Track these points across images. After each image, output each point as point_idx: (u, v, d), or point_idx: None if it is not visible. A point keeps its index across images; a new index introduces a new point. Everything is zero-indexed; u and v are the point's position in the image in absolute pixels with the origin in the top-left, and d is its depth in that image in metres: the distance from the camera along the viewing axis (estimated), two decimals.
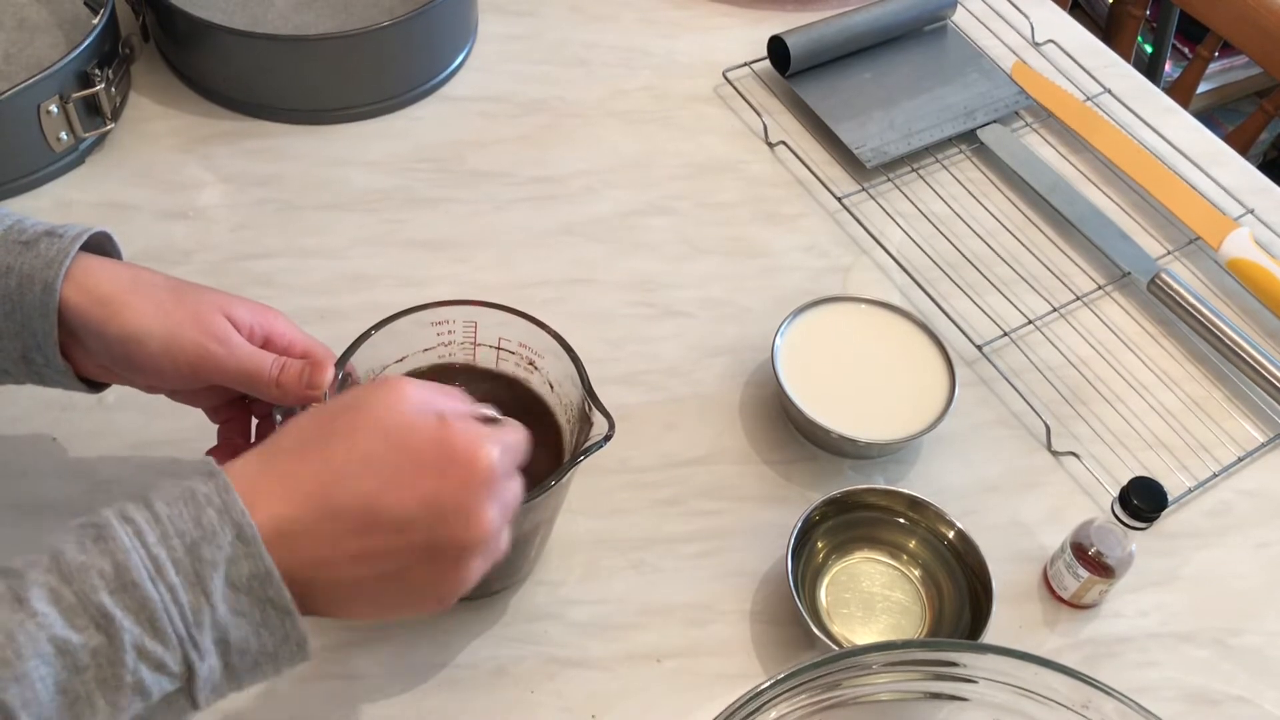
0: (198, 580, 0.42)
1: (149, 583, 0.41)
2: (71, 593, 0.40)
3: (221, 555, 0.42)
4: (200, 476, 0.44)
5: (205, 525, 0.42)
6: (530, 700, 0.61)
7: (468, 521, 0.46)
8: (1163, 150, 0.91)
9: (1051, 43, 0.99)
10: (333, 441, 0.46)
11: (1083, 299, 0.81)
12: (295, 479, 0.45)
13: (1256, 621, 0.68)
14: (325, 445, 0.46)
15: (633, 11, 0.98)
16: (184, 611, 0.42)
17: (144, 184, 0.81)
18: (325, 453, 0.46)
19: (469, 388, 0.63)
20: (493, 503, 0.47)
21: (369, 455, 0.46)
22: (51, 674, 0.39)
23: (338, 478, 0.45)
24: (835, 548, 0.67)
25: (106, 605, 0.40)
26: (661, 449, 0.71)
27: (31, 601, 0.40)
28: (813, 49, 0.91)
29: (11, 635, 0.39)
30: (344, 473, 0.45)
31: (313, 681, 0.60)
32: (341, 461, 0.45)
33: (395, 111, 0.88)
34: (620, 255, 0.81)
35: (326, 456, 0.46)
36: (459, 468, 0.46)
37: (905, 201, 0.86)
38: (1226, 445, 0.75)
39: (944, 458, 0.72)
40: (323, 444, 0.46)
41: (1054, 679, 0.50)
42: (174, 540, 0.42)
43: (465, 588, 0.48)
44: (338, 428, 0.47)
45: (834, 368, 0.72)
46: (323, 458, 0.46)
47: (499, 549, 0.49)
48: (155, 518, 0.42)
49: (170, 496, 0.43)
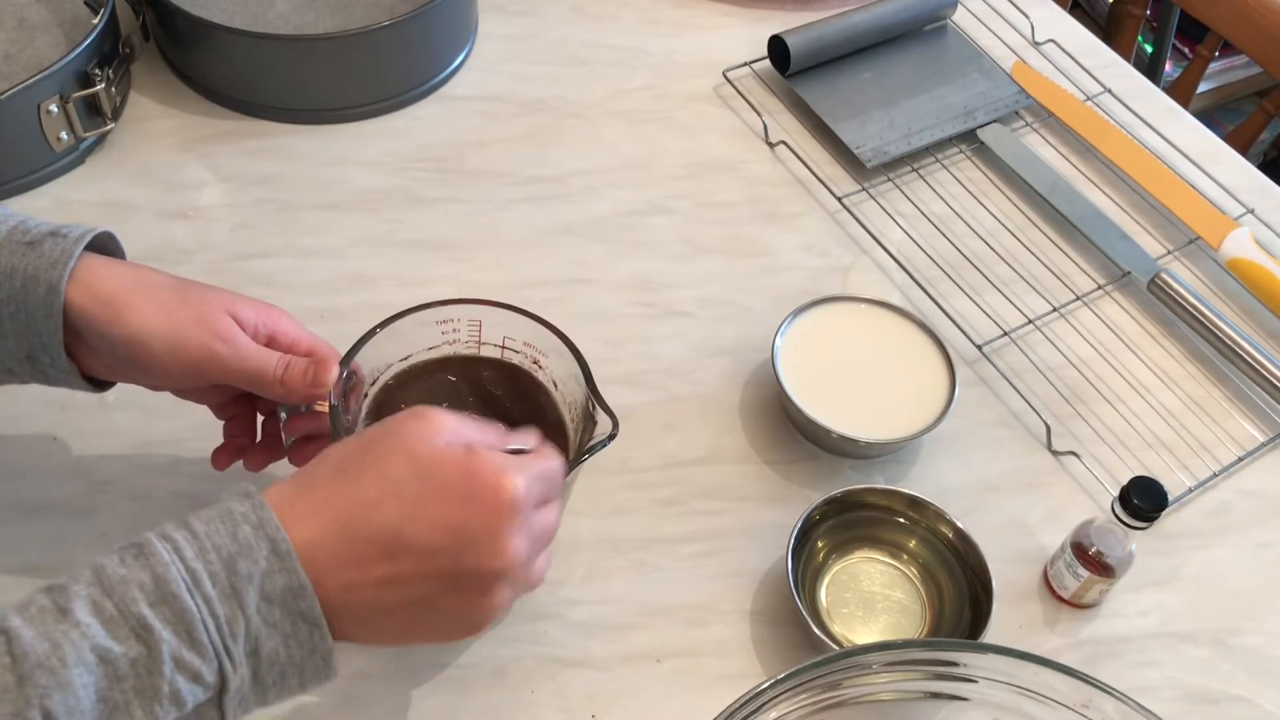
0: (233, 592, 0.43)
1: (187, 594, 0.42)
2: (113, 604, 0.41)
3: (257, 569, 0.44)
4: (236, 497, 0.46)
5: (241, 540, 0.44)
6: (530, 700, 0.61)
7: (493, 550, 0.47)
8: (1163, 150, 0.91)
9: (1052, 42, 0.99)
10: (364, 470, 0.47)
11: (1083, 299, 0.81)
12: (326, 504, 0.46)
13: (1256, 621, 0.68)
14: (357, 474, 0.47)
15: (633, 11, 0.98)
16: (220, 623, 0.43)
17: (144, 184, 0.81)
18: (356, 481, 0.47)
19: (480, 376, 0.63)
20: (519, 532, 0.48)
21: (398, 484, 0.47)
22: (93, 682, 0.40)
23: (366, 505, 0.46)
24: (835, 547, 0.67)
25: (146, 616, 0.41)
26: (661, 449, 0.71)
27: (75, 612, 0.41)
28: (813, 49, 0.91)
29: (57, 644, 0.40)
30: (372, 500, 0.46)
31: None
32: (371, 490, 0.47)
33: (395, 111, 0.88)
34: (620, 255, 0.81)
35: (357, 485, 0.47)
36: (484, 497, 0.47)
37: (905, 201, 0.86)
38: (1226, 445, 0.75)
39: (944, 458, 0.72)
40: (355, 473, 0.47)
41: (1054, 679, 0.50)
42: (211, 554, 0.43)
43: (494, 616, 0.49)
44: (369, 457, 0.48)
45: (834, 368, 0.72)
46: (353, 486, 0.47)
47: (530, 578, 0.51)
48: (193, 535, 0.44)
49: (207, 516, 0.45)
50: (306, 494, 0.47)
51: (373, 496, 0.46)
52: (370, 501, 0.46)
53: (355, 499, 0.46)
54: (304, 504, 0.46)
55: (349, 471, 0.47)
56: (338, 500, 0.46)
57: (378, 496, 0.46)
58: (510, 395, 0.63)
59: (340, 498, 0.46)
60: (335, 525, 0.46)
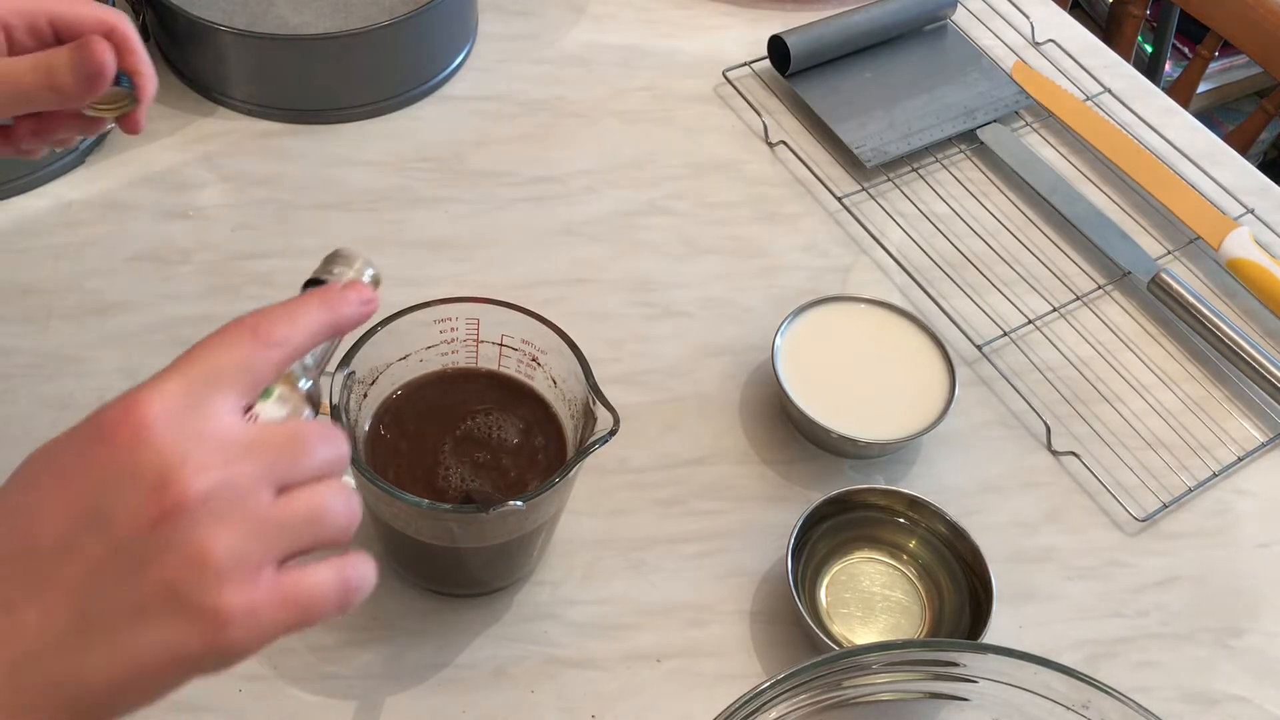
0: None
1: None
2: None
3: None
4: None
5: None
6: (530, 700, 0.61)
7: (139, 489, 0.35)
8: (1163, 150, 0.91)
9: (1051, 42, 0.99)
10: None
11: (1083, 299, 0.81)
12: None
13: (1256, 621, 0.68)
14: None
15: (633, 11, 0.98)
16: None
17: (144, 184, 0.81)
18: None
19: (474, 391, 0.63)
20: (187, 457, 0.35)
21: (9, 505, 0.36)
22: None
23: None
24: (835, 548, 0.67)
25: None
26: (661, 449, 0.71)
27: None
28: (813, 48, 0.91)
29: None
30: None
31: (313, 681, 0.60)
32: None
33: (395, 111, 0.88)
34: (620, 255, 0.81)
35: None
36: (107, 434, 0.36)
37: (905, 201, 0.86)
38: (1226, 445, 0.75)
39: (944, 458, 0.72)
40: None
41: (1054, 679, 0.50)
42: None
43: (218, 578, 0.35)
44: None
45: (834, 368, 0.72)
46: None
47: (227, 507, 0.36)
48: None
49: None
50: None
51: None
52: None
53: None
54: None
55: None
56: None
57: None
58: (508, 404, 0.63)
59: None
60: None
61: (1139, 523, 0.71)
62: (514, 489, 0.60)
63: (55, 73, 0.48)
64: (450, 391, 0.63)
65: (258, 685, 0.60)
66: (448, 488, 0.59)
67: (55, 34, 0.50)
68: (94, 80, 0.48)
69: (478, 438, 0.61)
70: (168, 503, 0.35)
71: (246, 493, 0.36)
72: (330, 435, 0.40)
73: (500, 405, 0.63)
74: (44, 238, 0.77)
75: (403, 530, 0.58)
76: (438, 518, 0.57)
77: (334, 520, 0.38)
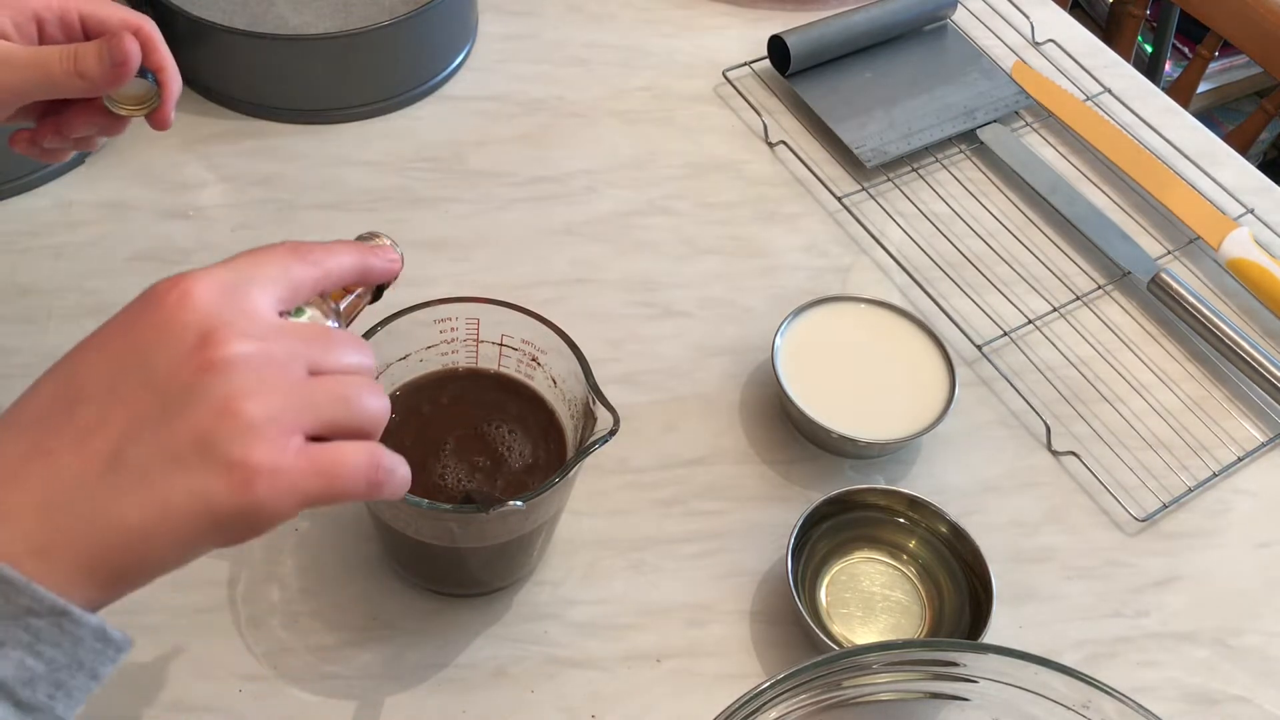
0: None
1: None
2: None
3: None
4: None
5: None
6: (530, 700, 0.61)
7: (182, 344, 0.37)
8: (1163, 150, 0.91)
9: (1051, 42, 0.99)
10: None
11: (1083, 299, 0.81)
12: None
13: (1256, 621, 0.68)
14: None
15: (633, 11, 0.98)
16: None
17: (144, 184, 0.81)
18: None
19: (473, 391, 0.63)
20: (218, 328, 0.38)
21: (63, 365, 0.39)
22: None
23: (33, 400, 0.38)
24: (835, 548, 0.67)
25: None
26: (661, 449, 0.71)
27: None
28: (813, 48, 0.91)
29: None
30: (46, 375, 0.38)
31: (313, 681, 0.60)
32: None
33: (395, 111, 0.88)
34: (620, 255, 0.81)
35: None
36: (152, 300, 0.38)
37: (905, 201, 0.86)
38: (1226, 445, 0.75)
39: (944, 458, 0.72)
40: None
41: (1054, 679, 0.50)
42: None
43: (248, 433, 0.37)
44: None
45: (834, 368, 0.72)
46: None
47: (262, 370, 0.38)
48: None
49: None
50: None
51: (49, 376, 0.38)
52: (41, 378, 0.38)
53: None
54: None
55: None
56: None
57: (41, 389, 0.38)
58: (508, 404, 0.63)
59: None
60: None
61: (1139, 523, 0.71)
62: (514, 489, 0.60)
63: (82, 59, 0.50)
64: (450, 391, 0.63)
65: (258, 685, 0.60)
66: (448, 488, 0.59)
67: (84, 30, 0.53)
68: (120, 69, 0.51)
69: (478, 438, 0.61)
70: (207, 358, 0.37)
71: (282, 363, 0.38)
72: (360, 344, 0.42)
73: (500, 405, 0.63)
74: (44, 238, 0.77)
75: (403, 530, 0.58)
76: (438, 518, 0.57)
77: (365, 404, 0.40)
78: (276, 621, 0.62)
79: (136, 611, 0.61)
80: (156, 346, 0.37)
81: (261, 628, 0.62)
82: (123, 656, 0.38)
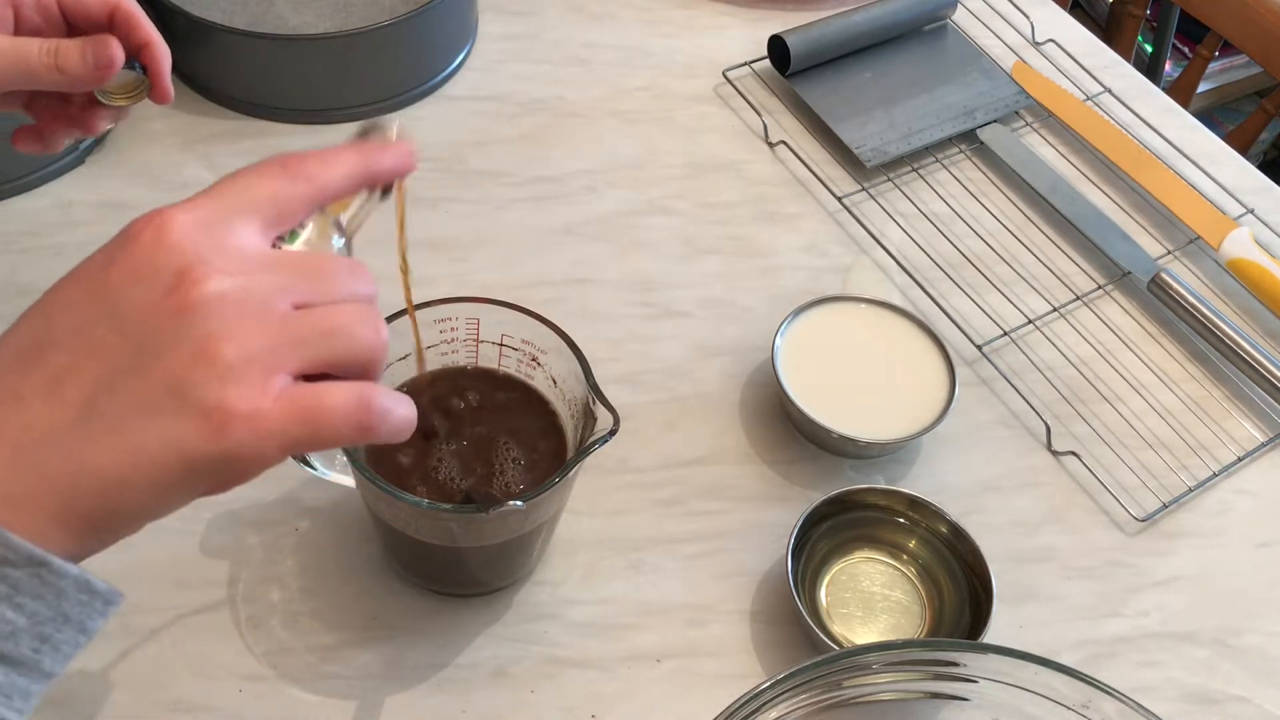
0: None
1: None
2: None
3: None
4: None
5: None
6: (530, 700, 0.61)
7: (156, 284, 0.35)
8: (1163, 150, 0.91)
9: (1052, 42, 0.99)
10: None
11: (1083, 299, 0.81)
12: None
13: (1256, 621, 0.68)
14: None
15: (633, 11, 0.98)
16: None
17: (144, 184, 0.81)
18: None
19: (474, 391, 0.63)
20: (193, 265, 0.36)
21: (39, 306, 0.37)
22: None
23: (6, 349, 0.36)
24: (835, 548, 0.67)
25: None
26: (661, 449, 0.71)
27: None
28: (813, 48, 0.91)
29: None
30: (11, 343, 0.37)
31: (313, 681, 0.60)
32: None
33: (395, 111, 0.88)
34: (620, 255, 0.81)
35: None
36: (130, 233, 0.37)
37: (905, 201, 0.86)
38: (1226, 445, 0.75)
39: (944, 458, 0.72)
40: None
41: (1054, 679, 0.50)
42: None
43: (224, 376, 0.35)
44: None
45: (834, 368, 0.72)
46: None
47: (240, 308, 0.36)
48: None
49: None
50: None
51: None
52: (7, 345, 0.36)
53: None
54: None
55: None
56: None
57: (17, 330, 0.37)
58: (508, 404, 0.63)
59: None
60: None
61: (1139, 523, 0.71)
62: (513, 489, 0.60)
63: (64, 55, 0.50)
64: (450, 391, 0.63)
65: (258, 685, 0.60)
66: (447, 488, 0.59)
67: (62, 11, 0.52)
68: (102, 69, 0.50)
69: (478, 438, 0.61)
70: (182, 298, 0.35)
71: (263, 300, 0.36)
72: (357, 269, 0.39)
73: (500, 405, 0.63)
74: (44, 238, 0.77)
75: (403, 530, 0.58)
76: (438, 518, 0.57)
77: (358, 336, 0.38)
78: (276, 621, 0.62)
79: (137, 612, 0.61)
80: (130, 288, 0.36)
81: (261, 628, 0.62)
82: (112, 610, 0.36)
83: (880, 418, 0.70)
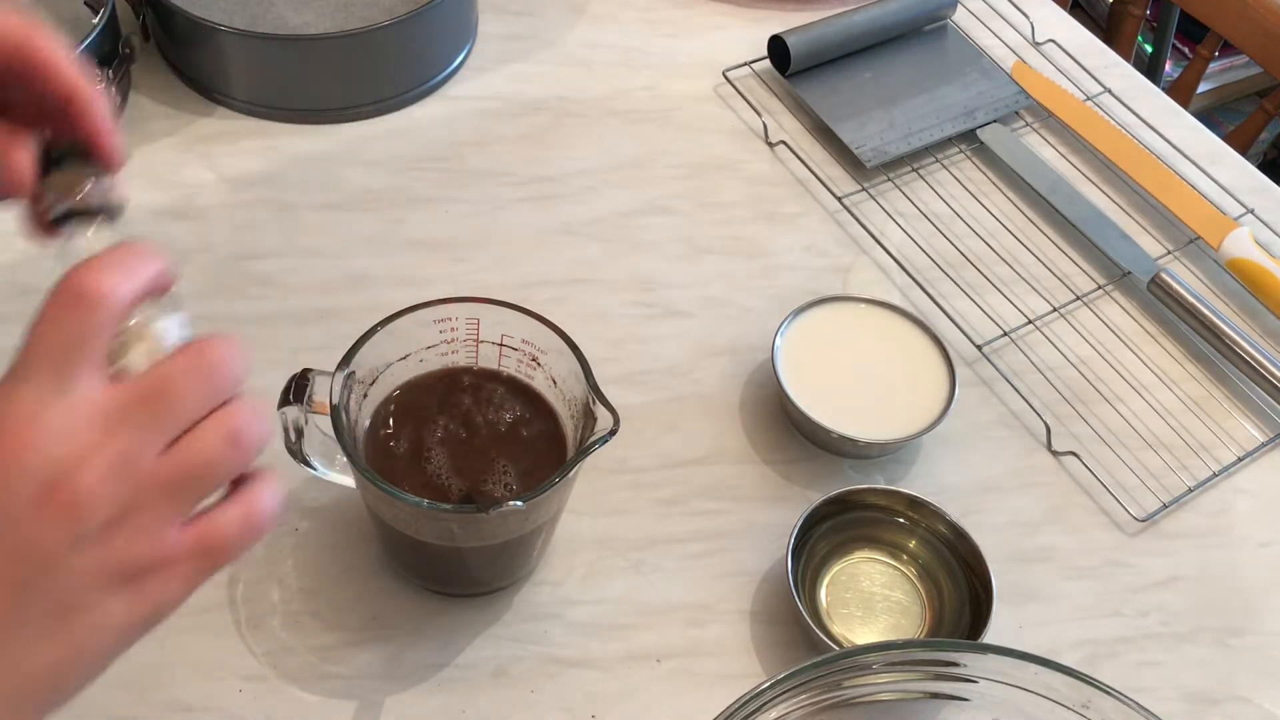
0: None
1: None
2: None
3: None
4: None
5: None
6: (530, 700, 0.61)
7: (32, 495, 0.35)
8: (1163, 150, 0.91)
9: (1052, 42, 0.99)
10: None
11: (1083, 299, 0.81)
12: None
13: (1256, 621, 0.68)
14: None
15: (633, 11, 0.98)
16: None
17: (144, 184, 0.81)
18: None
19: (473, 391, 0.63)
20: (55, 447, 0.36)
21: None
22: None
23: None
24: (835, 548, 0.67)
25: None
26: (661, 449, 0.71)
27: None
28: (813, 49, 0.91)
29: None
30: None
31: (313, 681, 0.60)
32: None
33: (395, 111, 0.88)
34: (620, 255, 0.81)
35: None
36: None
37: (905, 201, 0.86)
38: (1226, 445, 0.75)
39: (944, 458, 0.72)
40: None
41: (1054, 679, 0.50)
42: None
43: (127, 549, 0.37)
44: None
45: (834, 368, 0.72)
46: None
47: (118, 486, 0.36)
48: None
49: None
50: None
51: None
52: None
53: None
54: None
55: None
56: None
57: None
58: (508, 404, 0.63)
59: None
60: None
61: (1139, 523, 0.71)
62: (514, 489, 0.60)
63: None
64: (450, 391, 0.63)
65: (258, 685, 0.60)
66: (448, 488, 0.59)
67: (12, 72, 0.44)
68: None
69: (478, 438, 0.61)
70: (62, 502, 0.36)
71: (128, 468, 0.37)
72: (195, 366, 0.38)
73: (500, 405, 0.63)
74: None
75: (403, 530, 0.58)
76: (438, 518, 0.57)
77: (228, 460, 0.39)
78: (276, 621, 0.62)
79: None
80: (7, 504, 0.35)
81: (261, 628, 0.62)
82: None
83: (880, 418, 0.70)
